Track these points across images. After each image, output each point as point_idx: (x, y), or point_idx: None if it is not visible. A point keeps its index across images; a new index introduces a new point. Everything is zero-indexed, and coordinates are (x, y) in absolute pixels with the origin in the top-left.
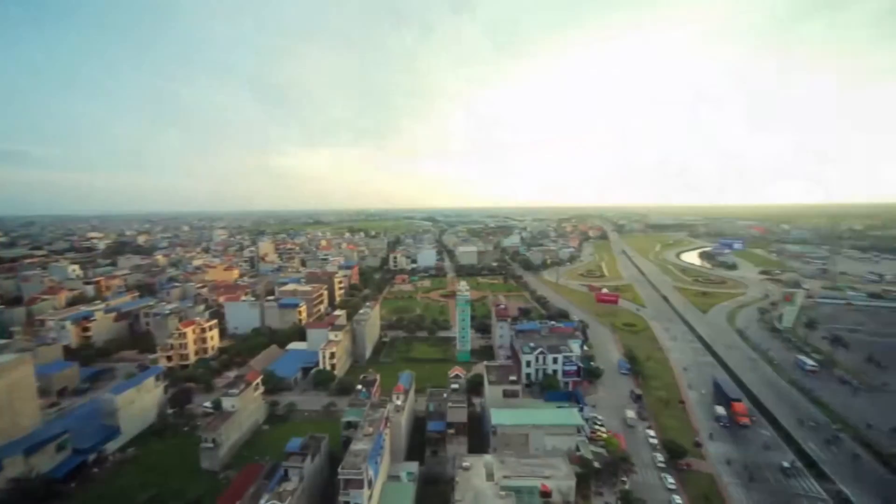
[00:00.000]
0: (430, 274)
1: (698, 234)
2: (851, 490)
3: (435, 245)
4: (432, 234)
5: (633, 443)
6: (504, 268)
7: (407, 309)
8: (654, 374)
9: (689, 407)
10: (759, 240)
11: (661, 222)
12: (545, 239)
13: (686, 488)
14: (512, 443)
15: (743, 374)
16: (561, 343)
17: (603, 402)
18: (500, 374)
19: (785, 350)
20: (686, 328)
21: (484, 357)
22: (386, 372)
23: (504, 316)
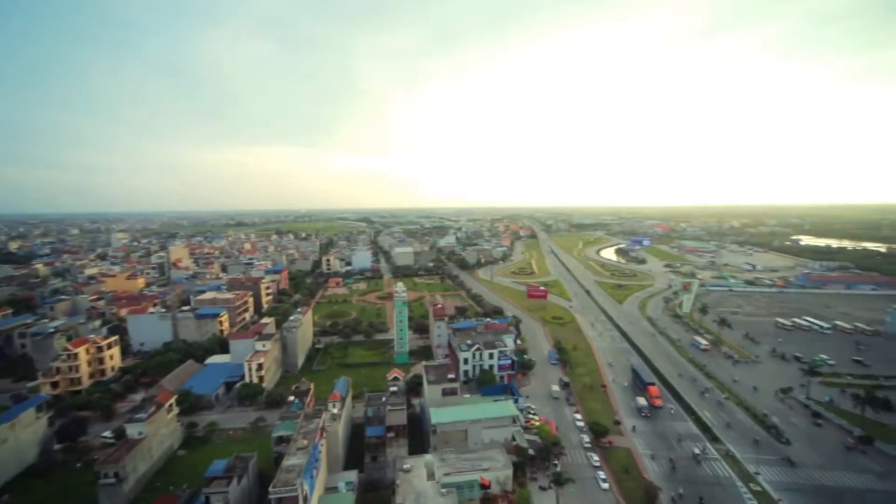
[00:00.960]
0: (365, 276)
1: (614, 232)
2: (735, 449)
3: (370, 246)
4: (367, 235)
5: (563, 427)
6: (440, 268)
7: (342, 313)
8: (580, 362)
9: (609, 390)
10: (663, 237)
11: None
12: (479, 239)
13: (609, 463)
14: (451, 440)
15: (653, 357)
16: (496, 338)
17: (536, 391)
18: (439, 373)
19: (685, 332)
20: (606, 318)
21: (423, 357)
22: (321, 380)
23: (441, 315)
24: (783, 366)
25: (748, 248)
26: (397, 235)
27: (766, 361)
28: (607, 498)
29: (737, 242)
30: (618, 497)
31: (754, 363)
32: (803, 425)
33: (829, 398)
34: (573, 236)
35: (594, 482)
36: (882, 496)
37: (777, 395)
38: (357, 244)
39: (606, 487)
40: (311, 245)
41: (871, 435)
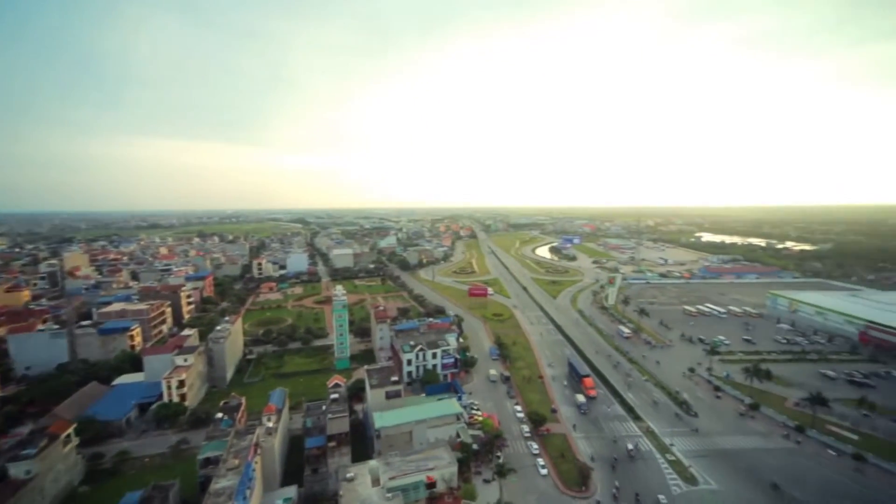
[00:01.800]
0: (301, 280)
1: (548, 231)
2: (655, 425)
3: (306, 249)
4: (303, 236)
5: (505, 419)
6: (381, 269)
7: (276, 320)
8: (520, 355)
9: (546, 380)
10: (591, 235)
11: (519, 222)
12: (420, 239)
13: (547, 450)
14: (396, 442)
15: (584, 346)
16: (439, 338)
17: (478, 388)
18: (382, 377)
19: (610, 322)
20: (542, 313)
21: (365, 361)
22: (253, 393)
23: (383, 317)
24: (690, 347)
25: (661, 244)
26: (335, 237)
27: (677, 345)
28: (546, 483)
29: (651, 239)
30: (555, 480)
31: (668, 347)
32: (707, 398)
33: (726, 373)
34: (511, 236)
35: (534, 469)
36: (764, 453)
37: (685, 373)
38: (292, 246)
39: (545, 473)
40: (239, 248)
41: (758, 402)
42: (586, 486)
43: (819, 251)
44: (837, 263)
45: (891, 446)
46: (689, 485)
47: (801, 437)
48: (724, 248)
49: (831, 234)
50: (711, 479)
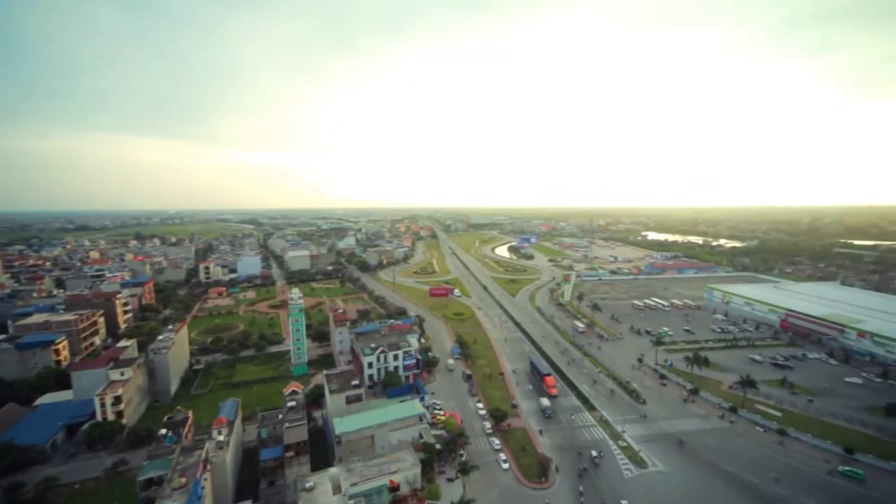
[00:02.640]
0: (254, 284)
1: (507, 231)
2: (608, 414)
3: (259, 251)
4: (255, 238)
5: (467, 417)
6: (340, 271)
7: (226, 327)
8: (481, 353)
9: (507, 377)
10: (547, 235)
11: (479, 222)
12: (380, 240)
13: (508, 444)
14: (358, 448)
15: (542, 342)
16: (400, 339)
17: (441, 387)
18: (342, 381)
19: (566, 318)
20: (501, 311)
21: (324, 366)
22: (202, 405)
23: (343, 320)
24: (639, 339)
25: (611, 243)
26: (291, 238)
27: (627, 337)
28: (508, 477)
29: (603, 238)
30: (517, 474)
31: (619, 339)
32: (654, 386)
33: (670, 362)
34: (471, 235)
35: (496, 464)
36: (703, 433)
37: (635, 364)
38: (243, 248)
39: (507, 467)
40: (184, 251)
41: (698, 387)
42: (546, 477)
43: (747, 248)
44: (762, 259)
45: (807, 420)
46: (640, 468)
47: (734, 417)
48: (666, 246)
49: (757, 233)
50: (659, 462)
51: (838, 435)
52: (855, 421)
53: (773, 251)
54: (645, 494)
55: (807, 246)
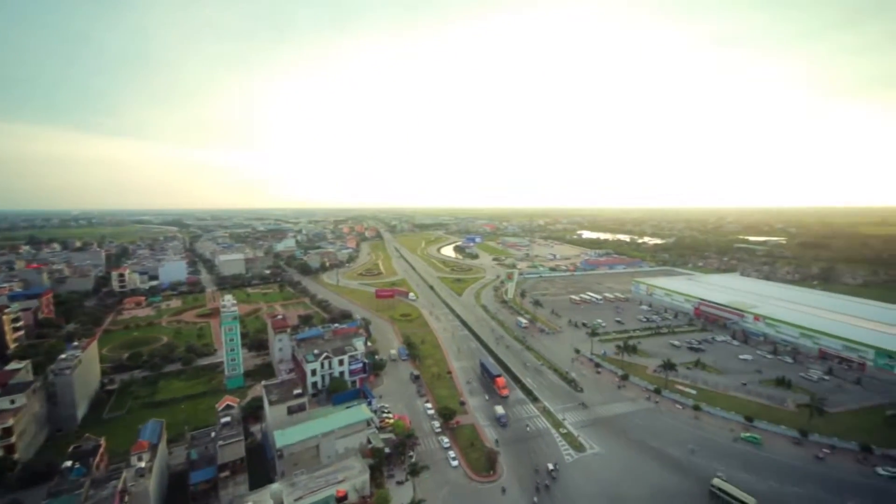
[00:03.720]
0: (180, 292)
1: (452, 231)
2: (550, 404)
3: (185, 255)
4: (180, 241)
5: (416, 418)
6: (279, 275)
7: (147, 340)
8: (428, 353)
9: (455, 375)
10: (491, 234)
11: (424, 222)
12: (322, 241)
13: (457, 441)
14: (301, 460)
15: (488, 339)
16: (346, 343)
17: (389, 390)
18: (283, 391)
19: (510, 314)
20: (448, 310)
21: (262, 377)
22: (117, 430)
23: (282, 327)
24: (576, 332)
25: (550, 241)
26: (222, 241)
27: (565, 330)
28: (457, 473)
29: (543, 237)
30: (466, 470)
31: (558, 333)
32: (590, 375)
33: (604, 351)
34: (416, 236)
35: (446, 462)
36: (633, 415)
37: (573, 355)
38: (166, 253)
39: (456, 464)
40: (92, 257)
41: (628, 373)
42: (494, 469)
43: (666, 245)
44: (679, 254)
45: (716, 395)
46: (578, 452)
47: (658, 398)
48: (599, 244)
49: (675, 231)
50: (596, 445)
51: (740, 406)
52: (752, 393)
53: (687, 247)
54: (584, 476)
55: (714, 242)
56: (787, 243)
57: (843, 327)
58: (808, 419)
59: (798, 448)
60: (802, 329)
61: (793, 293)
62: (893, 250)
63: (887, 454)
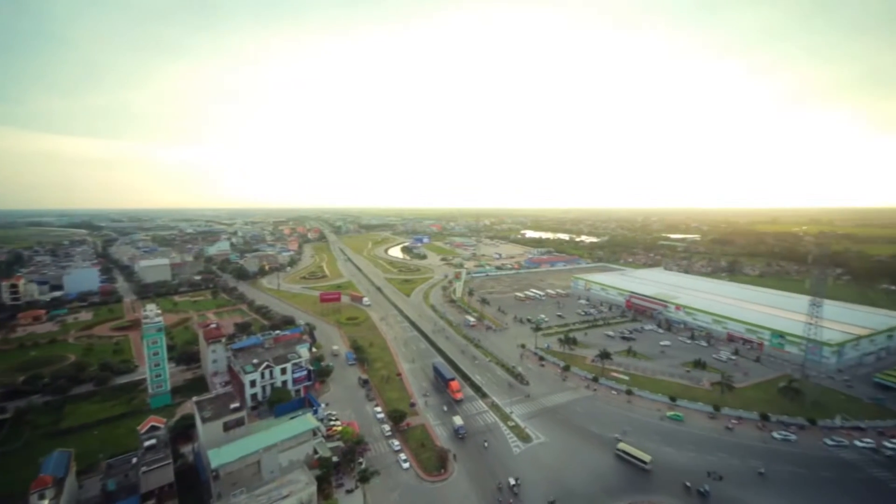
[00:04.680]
0: (91, 303)
1: (399, 232)
2: (498, 399)
3: (98, 261)
4: (91, 245)
5: (366, 423)
6: (212, 280)
7: (49, 359)
8: (377, 356)
9: (404, 376)
10: (438, 235)
11: (370, 223)
12: (261, 244)
13: (408, 444)
14: (241, 478)
15: (437, 339)
16: (288, 351)
17: (336, 396)
18: (218, 406)
19: (458, 313)
20: (397, 311)
21: (193, 392)
22: (12, 465)
23: (216, 336)
24: (521, 327)
25: (496, 241)
26: (143, 244)
27: (511, 326)
28: (408, 475)
29: (489, 237)
30: (417, 471)
31: (505, 329)
32: (535, 368)
33: (547, 345)
34: (363, 237)
35: (397, 465)
36: (574, 403)
37: (519, 350)
38: (72, 259)
39: (407, 466)
40: None
41: (569, 364)
42: (445, 468)
43: (601, 243)
44: (612, 251)
45: (645, 380)
46: (525, 443)
47: (596, 386)
48: (541, 243)
49: (608, 230)
50: (541, 434)
51: (665, 388)
52: (675, 375)
53: (619, 245)
54: (531, 465)
55: (641, 240)
56: (700, 240)
57: (745, 313)
58: (719, 395)
59: (712, 421)
60: (714, 315)
61: (706, 284)
62: (782, 245)
63: (780, 420)
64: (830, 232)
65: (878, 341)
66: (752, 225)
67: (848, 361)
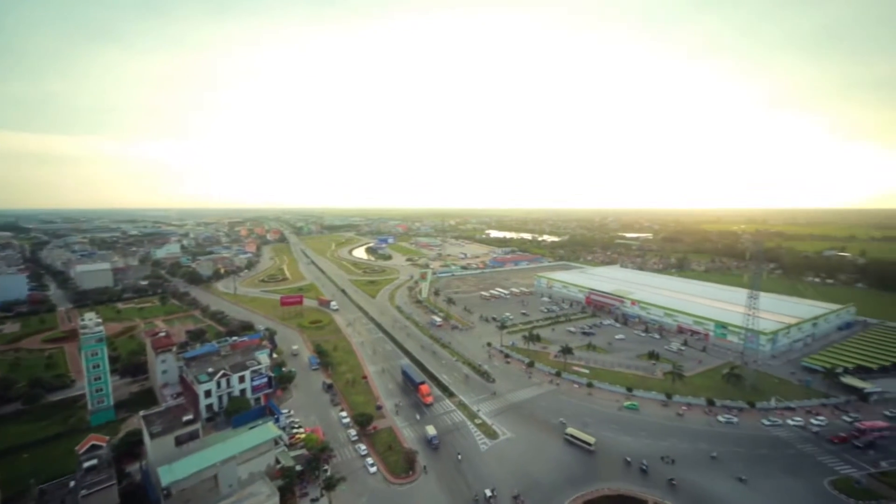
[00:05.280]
0: (17, 313)
1: (363, 232)
2: (465, 397)
3: (25, 266)
4: (16, 249)
5: (331, 429)
6: (161, 286)
7: None
8: (342, 360)
9: (370, 379)
10: (403, 235)
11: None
12: (216, 246)
13: (375, 447)
14: (196, 495)
15: (403, 340)
16: (247, 358)
17: (299, 402)
18: (169, 420)
19: (424, 314)
20: (361, 313)
21: (140, 406)
22: None
23: (166, 345)
24: (487, 326)
25: (461, 241)
26: (80, 248)
27: (477, 325)
28: (376, 479)
29: (454, 237)
30: (384, 474)
31: (471, 328)
32: (500, 365)
33: (512, 342)
34: (326, 238)
35: (364, 470)
36: (539, 398)
37: (485, 348)
38: None
39: (374, 470)
40: None
41: (533, 360)
42: (413, 469)
43: (562, 242)
44: (572, 250)
45: (604, 372)
46: (492, 440)
47: (559, 380)
48: (506, 242)
49: (568, 230)
50: (508, 430)
51: (623, 379)
52: (631, 367)
53: (579, 243)
54: (498, 460)
55: (599, 239)
56: (653, 238)
57: (692, 306)
58: (671, 384)
59: (665, 409)
60: (665, 309)
61: (658, 280)
62: (724, 243)
63: (724, 405)
64: (764, 230)
65: (804, 329)
66: (698, 224)
67: (780, 348)
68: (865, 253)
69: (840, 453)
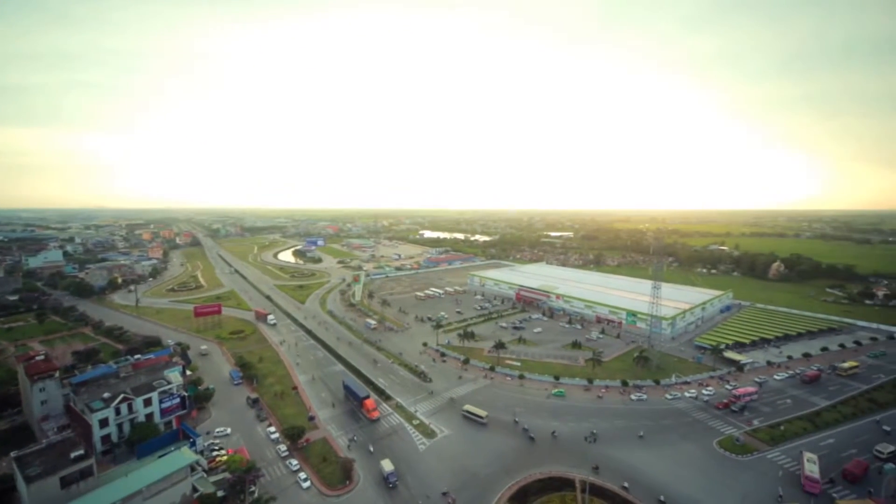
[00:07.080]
0: None
1: (290, 234)
2: (402, 399)
3: None
4: None
5: (257, 447)
6: (37, 300)
7: None
8: (269, 371)
9: (301, 390)
10: (334, 237)
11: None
12: (111, 251)
13: (309, 461)
14: None
15: (336, 346)
16: (153, 378)
17: (220, 421)
18: (51, 458)
19: (359, 317)
20: (290, 320)
21: (11, 446)
22: None
23: (44, 371)
24: (423, 326)
25: (395, 241)
26: None
27: (413, 326)
28: (310, 494)
29: (387, 238)
30: (319, 488)
31: (406, 329)
32: (437, 364)
33: (447, 340)
34: (247, 241)
35: (296, 486)
36: (474, 393)
37: (421, 348)
38: None
39: (308, 485)
40: None
41: (468, 357)
42: (350, 479)
43: (493, 241)
44: (502, 248)
45: (534, 364)
46: (430, 439)
47: (493, 375)
48: (439, 242)
49: (499, 229)
50: (445, 428)
51: (550, 369)
52: (558, 357)
53: (508, 242)
54: (437, 458)
55: (527, 238)
56: (573, 237)
57: (608, 297)
58: (592, 370)
59: (587, 393)
60: (585, 301)
61: (579, 275)
62: (632, 240)
63: (636, 384)
64: (664, 228)
65: (696, 313)
66: (611, 223)
67: (678, 331)
68: (738, 247)
69: (724, 417)
